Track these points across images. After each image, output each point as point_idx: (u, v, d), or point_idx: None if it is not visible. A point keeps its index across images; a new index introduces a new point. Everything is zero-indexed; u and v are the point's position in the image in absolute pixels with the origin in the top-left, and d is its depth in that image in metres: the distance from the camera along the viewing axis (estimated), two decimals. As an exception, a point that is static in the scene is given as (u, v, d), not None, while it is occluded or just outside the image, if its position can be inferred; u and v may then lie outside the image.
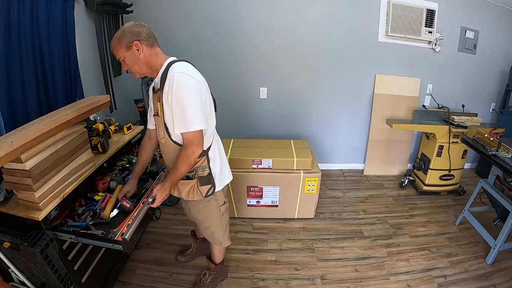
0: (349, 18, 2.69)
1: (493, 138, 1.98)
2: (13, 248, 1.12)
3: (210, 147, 1.37)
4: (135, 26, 1.22)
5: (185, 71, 1.19)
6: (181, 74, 1.16)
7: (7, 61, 1.51)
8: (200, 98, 1.21)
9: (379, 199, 2.75)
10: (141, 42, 1.21)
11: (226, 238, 1.61)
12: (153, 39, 1.28)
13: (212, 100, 1.35)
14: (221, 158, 1.45)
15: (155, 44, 1.29)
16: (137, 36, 1.20)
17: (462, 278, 1.85)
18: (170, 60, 1.27)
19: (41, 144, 1.18)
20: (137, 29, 1.21)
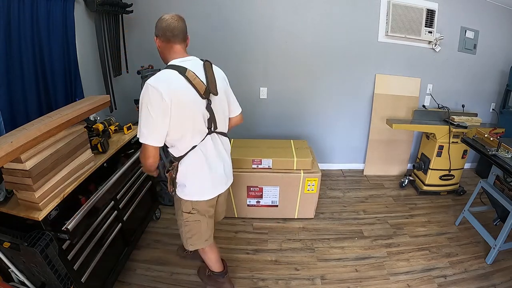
0: (349, 18, 2.69)
1: (493, 138, 1.98)
2: (13, 248, 1.12)
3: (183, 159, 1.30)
4: (159, 20, 1.28)
5: (154, 80, 1.15)
6: (148, 83, 1.13)
7: (7, 61, 1.51)
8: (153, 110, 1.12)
9: (379, 199, 2.75)
10: (157, 37, 1.28)
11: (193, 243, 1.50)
12: (170, 35, 1.25)
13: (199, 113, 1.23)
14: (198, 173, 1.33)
15: (172, 40, 1.27)
16: (156, 30, 1.28)
17: (462, 278, 1.85)
18: (172, 62, 1.25)
19: (41, 144, 1.18)
20: (158, 23, 1.28)
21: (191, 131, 1.24)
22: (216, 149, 1.35)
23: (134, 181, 1.94)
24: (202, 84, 1.21)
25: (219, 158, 1.38)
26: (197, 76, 1.21)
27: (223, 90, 1.33)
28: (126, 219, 1.82)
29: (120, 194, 1.76)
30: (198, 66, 1.27)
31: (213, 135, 1.33)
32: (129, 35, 2.73)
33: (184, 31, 1.31)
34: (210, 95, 1.25)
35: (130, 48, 2.73)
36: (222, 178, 1.42)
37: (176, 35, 1.26)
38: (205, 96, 1.22)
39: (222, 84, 1.33)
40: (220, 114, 1.34)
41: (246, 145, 2.47)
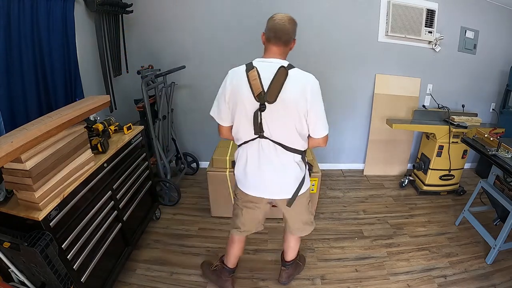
0: (349, 18, 2.69)
1: (493, 138, 1.98)
2: (13, 248, 1.12)
3: (238, 149, 1.39)
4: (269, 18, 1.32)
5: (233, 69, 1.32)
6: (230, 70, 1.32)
7: (7, 61, 1.51)
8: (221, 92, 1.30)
9: (379, 199, 2.75)
10: (264, 33, 1.32)
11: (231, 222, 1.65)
12: (271, 36, 1.27)
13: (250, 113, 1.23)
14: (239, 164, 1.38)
15: (272, 41, 1.28)
16: (265, 27, 1.31)
17: (462, 278, 1.85)
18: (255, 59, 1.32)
19: (41, 144, 1.18)
20: (267, 21, 1.32)
21: (238, 126, 1.29)
22: (263, 154, 1.30)
23: (134, 181, 1.94)
24: (259, 87, 1.18)
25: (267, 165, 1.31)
26: (259, 78, 1.19)
27: (292, 103, 1.20)
28: (126, 219, 1.82)
29: (120, 194, 1.76)
30: (271, 70, 1.20)
31: (265, 141, 1.27)
32: (129, 35, 2.73)
33: (288, 34, 1.27)
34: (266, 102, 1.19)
35: (130, 48, 2.74)
36: (263, 185, 1.37)
37: (276, 37, 1.26)
38: (258, 99, 1.19)
39: (293, 96, 1.19)
40: (276, 124, 1.24)
41: (246, 145, 2.46)
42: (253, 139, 1.28)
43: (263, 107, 1.19)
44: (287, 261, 1.76)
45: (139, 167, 2.01)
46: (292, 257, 1.74)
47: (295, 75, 1.22)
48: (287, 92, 1.18)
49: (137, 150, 2.00)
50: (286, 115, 1.22)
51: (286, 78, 1.19)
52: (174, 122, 2.95)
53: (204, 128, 3.12)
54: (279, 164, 1.31)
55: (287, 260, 1.75)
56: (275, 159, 1.30)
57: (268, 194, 1.40)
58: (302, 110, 1.22)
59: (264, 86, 1.18)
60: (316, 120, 1.26)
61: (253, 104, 1.20)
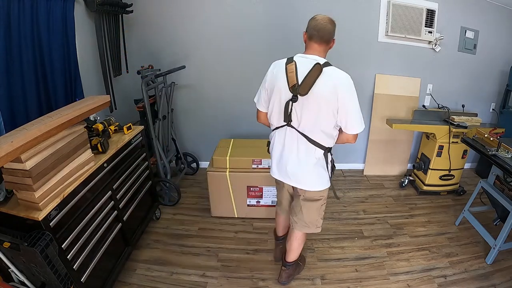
0: (349, 18, 2.69)
1: (493, 138, 1.98)
2: (13, 248, 1.12)
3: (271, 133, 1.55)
4: (311, 18, 1.40)
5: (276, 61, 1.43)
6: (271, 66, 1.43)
7: (7, 61, 1.51)
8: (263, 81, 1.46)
9: (379, 199, 2.75)
10: (305, 32, 1.38)
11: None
12: (313, 34, 1.33)
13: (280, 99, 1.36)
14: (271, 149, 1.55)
15: (313, 39, 1.34)
16: (307, 26, 1.38)
17: (462, 278, 1.85)
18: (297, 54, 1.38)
19: (41, 144, 1.18)
20: (309, 21, 1.39)
21: (271, 113, 1.43)
22: (287, 142, 1.41)
23: (134, 181, 1.94)
24: (294, 79, 1.27)
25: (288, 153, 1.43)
26: (296, 71, 1.28)
27: (324, 98, 1.27)
28: (126, 219, 1.82)
29: (120, 194, 1.76)
30: (308, 65, 1.28)
31: (291, 130, 1.38)
32: (129, 35, 2.73)
33: (329, 34, 1.34)
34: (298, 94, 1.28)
35: (130, 48, 2.74)
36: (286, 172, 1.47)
37: (318, 36, 1.33)
38: (292, 90, 1.29)
39: (325, 93, 1.26)
40: (306, 116, 1.32)
41: (246, 145, 2.47)
42: (282, 126, 1.41)
43: (295, 98, 1.30)
44: (288, 262, 1.76)
45: (139, 167, 2.01)
46: (293, 258, 1.75)
47: (329, 73, 1.27)
48: (319, 87, 1.26)
49: (137, 150, 2.00)
50: (315, 109, 1.30)
51: (319, 74, 1.25)
52: (174, 122, 2.95)
53: (204, 128, 3.12)
54: (299, 154, 1.40)
55: (288, 261, 1.76)
56: (297, 149, 1.39)
57: (287, 180, 1.50)
58: (332, 107, 1.28)
59: (299, 80, 1.27)
60: (348, 117, 1.31)
61: (287, 95, 1.32)
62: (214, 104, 3.01)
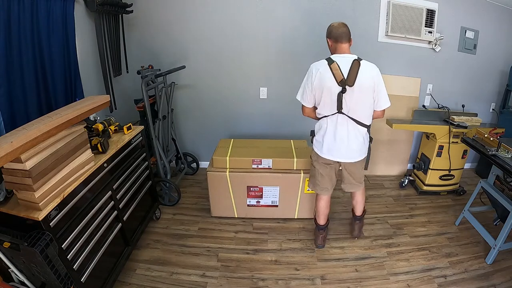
0: (349, 18, 2.68)
1: (493, 138, 1.98)
2: (13, 248, 1.12)
3: (320, 120, 1.80)
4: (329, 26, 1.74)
5: (313, 65, 1.71)
6: (311, 65, 1.71)
7: (7, 61, 1.51)
8: (306, 84, 1.71)
9: (379, 199, 2.75)
10: (329, 38, 1.74)
11: (310, 183, 2.06)
12: (340, 37, 1.67)
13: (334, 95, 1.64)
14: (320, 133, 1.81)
15: (339, 41, 1.68)
16: (328, 33, 1.74)
17: (462, 278, 1.85)
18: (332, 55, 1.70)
19: (41, 144, 1.18)
20: (329, 28, 1.74)
21: (323, 105, 1.71)
22: (339, 126, 1.73)
23: (134, 181, 1.94)
24: (341, 75, 1.60)
25: (344, 135, 1.74)
26: (340, 69, 1.60)
27: (366, 85, 1.63)
28: (126, 219, 1.82)
29: (120, 194, 1.76)
30: (347, 62, 1.62)
31: (342, 116, 1.70)
32: (129, 35, 2.73)
33: (349, 34, 1.70)
34: (346, 86, 1.61)
35: (130, 48, 2.74)
36: (339, 152, 1.78)
37: (343, 37, 1.67)
38: (340, 84, 1.61)
39: (366, 81, 1.62)
40: (354, 102, 1.65)
41: (246, 145, 2.47)
42: (333, 114, 1.70)
43: (344, 90, 1.62)
44: (358, 215, 2.17)
45: (139, 167, 2.01)
46: (361, 211, 2.16)
47: (365, 65, 1.65)
48: (361, 77, 1.61)
49: (137, 150, 2.00)
50: (360, 95, 1.65)
51: (359, 67, 1.61)
52: (174, 122, 2.95)
53: (204, 128, 3.12)
54: (349, 134, 1.74)
55: (358, 215, 2.17)
56: (347, 130, 1.73)
57: (338, 158, 1.81)
58: (371, 90, 1.66)
59: (344, 75, 1.60)
60: (380, 96, 1.70)
61: (336, 88, 1.62)
62: (214, 104, 3.01)
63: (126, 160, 1.86)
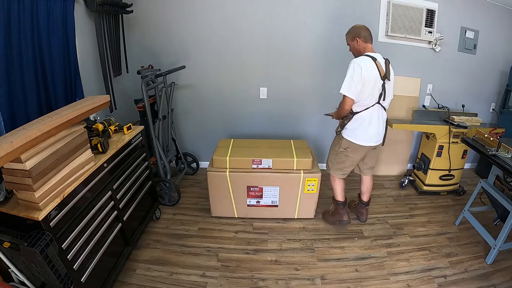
0: (349, 18, 2.69)
1: (493, 138, 1.98)
2: (13, 248, 1.12)
3: (359, 113, 1.97)
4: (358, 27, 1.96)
5: (357, 61, 1.86)
6: (354, 62, 1.86)
7: (7, 61, 1.51)
8: (354, 77, 1.83)
9: (379, 199, 2.75)
10: (359, 38, 1.94)
11: (333, 169, 2.23)
12: (368, 38, 1.94)
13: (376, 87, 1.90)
14: (360, 124, 1.99)
15: (368, 41, 1.95)
16: (356, 34, 1.94)
17: (462, 278, 1.85)
18: (366, 53, 1.92)
19: (41, 144, 1.18)
20: (357, 30, 1.95)
21: (367, 96, 1.90)
22: (377, 115, 1.98)
23: (134, 181, 1.94)
24: (383, 70, 1.88)
25: (377, 122, 1.99)
26: (381, 64, 1.88)
27: (392, 80, 1.95)
28: (126, 219, 1.82)
29: (120, 194, 1.76)
30: (382, 60, 1.91)
31: (379, 106, 1.97)
32: (129, 35, 2.74)
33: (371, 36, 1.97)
34: (386, 79, 1.90)
35: (130, 48, 2.74)
36: (374, 137, 2.02)
37: (370, 38, 1.95)
38: (383, 78, 1.88)
39: (393, 76, 1.96)
40: (388, 93, 1.96)
41: (246, 145, 2.47)
42: (373, 105, 1.94)
43: (384, 83, 1.91)
44: (366, 201, 2.37)
45: (139, 167, 2.01)
46: (368, 197, 2.37)
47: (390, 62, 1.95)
48: (391, 72, 1.94)
49: (137, 150, 2.00)
50: (391, 87, 1.98)
51: (389, 64, 1.93)
52: (174, 122, 2.95)
53: (204, 128, 3.12)
54: (380, 120, 2.00)
55: (365, 200, 2.37)
56: (380, 117, 2.00)
57: (372, 142, 2.04)
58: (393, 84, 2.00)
59: (384, 70, 1.88)
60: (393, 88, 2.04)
61: (379, 81, 1.88)
62: (214, 104, 3.01)
63: (126, 160, 1.86)
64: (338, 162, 2.18)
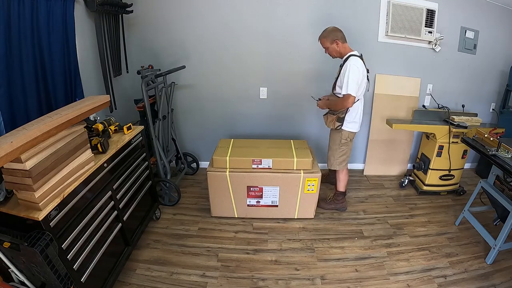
0: (349, 18, 2.69)
1: (493, 138, 1.98)
2: (13, 248, 1.12)
3: (354, 105, 2.15)
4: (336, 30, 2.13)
5: (354, 63, 2.04)
6: (352, 65, 2.03)
7: (7, 61, 1.51)
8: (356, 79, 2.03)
9: (379, 199, 2.75)
10: (338, 40, 2.12)
11: (337, 164, 2.39)
12: (345, 38, 2.14)
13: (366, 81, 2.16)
14: (355, 114, 2.23)
15: (345, 41, 2.15)
16: (336, 37, 2.11)
17: (462, 278, 1.85)
18: (350, 53, 2.12)
19: (41, 144, 1.18)
20: (336, 33, 2.12)
21: (362, 90, 2.16)
22: (363, 103, 2.28)
23: (134, 181, 1.94)
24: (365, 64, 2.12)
25: (362, 109, 2.27)
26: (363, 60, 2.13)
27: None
28: (126, 219, 1.82)
29: (120, 194, 1.76)
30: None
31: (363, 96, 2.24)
32: (129, 35, 2.74)
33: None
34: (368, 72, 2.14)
35: (130, 48, 2.74)
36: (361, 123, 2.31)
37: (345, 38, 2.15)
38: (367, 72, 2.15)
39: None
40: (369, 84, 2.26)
41: (246, 145, 2.47)
42: (362, 96, 2.24)
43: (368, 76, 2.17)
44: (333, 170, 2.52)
45: (139, 167, 2.01)
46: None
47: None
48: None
49: (137, 150, 2.00)
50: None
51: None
52: (174, 122, 2.95)
53: (204, 128, 3.12)
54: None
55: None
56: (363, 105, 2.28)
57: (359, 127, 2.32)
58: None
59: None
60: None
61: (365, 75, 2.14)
62: (214, 104, 3.01)
63: (126, 160, 1.86)
64: (342, 155, 2.35)
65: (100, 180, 1.56)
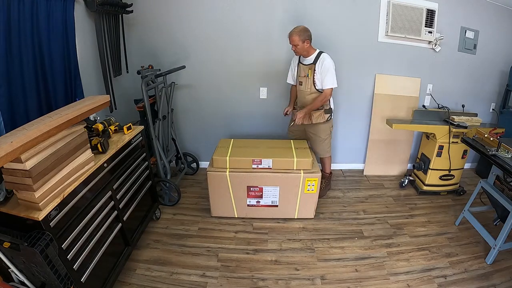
0: (349, 18, 2.70)
1: (493, 138, 1.98)
2: (13, 248, 1.12)
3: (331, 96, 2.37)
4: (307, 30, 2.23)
5: (326, 57, 2.27)
6: (327, 58, 2.25)
7: (7, 61, 1.51)
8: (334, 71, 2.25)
9: (379, 199, 2.75)
10: (308, 40, 2.24)
11: (328, 151, 2.63)
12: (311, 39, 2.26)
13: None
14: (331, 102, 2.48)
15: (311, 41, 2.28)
16: (307, 36, 2.22)
17: (462, 278, 1.85)
18: (319, 51, 2.31)
19: (41, 144, 1.18)
20: (307, 32, 2.22)
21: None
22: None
23: (134, 181, 1.94)
24: None
25: None
26: None
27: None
28: (126, 219, 1.82)
29: (120, 194, 1.76)
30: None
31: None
32: (129, 35, 2.73)
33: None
34: None
35: (130, 48, 2.74)
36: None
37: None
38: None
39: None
40: None
41: (246, 145, 2.47)
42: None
43: None
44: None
45: (139, 167, 2.01)
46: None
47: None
48: None
49: (137, 150, 2.00)
50: None
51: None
52: (174, 122, 2.95)
53: (204, 128, 3.13)
54: None
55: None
56: None
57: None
58: None
59: None
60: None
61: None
62: (214, 104, 3.01)
63: (126, 160, 1.86)
64: (330, 142, 2.61)
65: (100, 180, 1.56)
